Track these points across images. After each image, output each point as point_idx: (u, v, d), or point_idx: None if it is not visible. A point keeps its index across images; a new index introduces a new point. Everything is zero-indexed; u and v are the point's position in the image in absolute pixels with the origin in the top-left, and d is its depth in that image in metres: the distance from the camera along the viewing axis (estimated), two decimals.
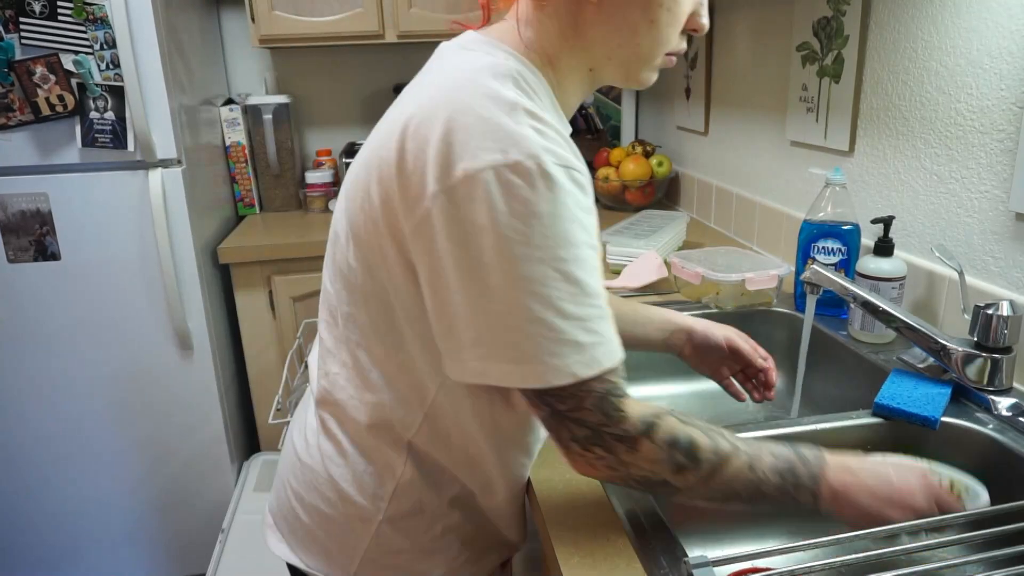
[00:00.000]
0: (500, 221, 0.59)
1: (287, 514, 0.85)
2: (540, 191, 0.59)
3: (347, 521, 0.79)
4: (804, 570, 0.61)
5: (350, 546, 0.80)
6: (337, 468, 0.79)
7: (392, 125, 0.67)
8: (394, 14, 2.10)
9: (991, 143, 1.01)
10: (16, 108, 1.70)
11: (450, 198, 0.60)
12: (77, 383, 1.90)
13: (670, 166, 2.15)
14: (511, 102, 0.62)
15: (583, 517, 0.73)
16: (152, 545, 2.06)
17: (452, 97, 0.63)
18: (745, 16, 1.71)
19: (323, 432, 0.80)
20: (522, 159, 0.59)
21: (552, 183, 0.60)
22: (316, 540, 0.82)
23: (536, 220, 0.59)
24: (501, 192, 0.59)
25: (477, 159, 0.59)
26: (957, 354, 0.92)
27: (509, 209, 0.59)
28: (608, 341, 0.64)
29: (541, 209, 0.59)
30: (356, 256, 0.71)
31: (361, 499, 0.78)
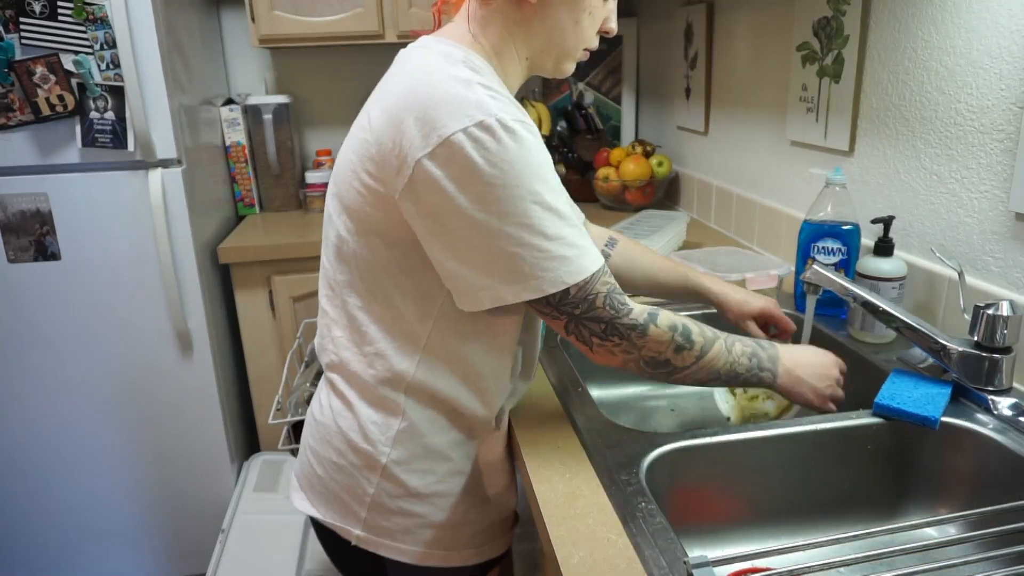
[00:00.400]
0: (479, 170, 0.72)
1: (307, 471, 0.94)
2: (505, 141, 0.72)
3: (356, 469, 0.88)
4: (804, 570, 0.61)
5: (360, 492, 0.88)
6: (345, 420, 0.89)
7: (369, 117, 0.80)
8: (394, 14, 2.10)
9: (991, 143, 1.01)
10: (16, 108, 1.70)
11: (432, 160, 0.72)
12: (77, 383, 1.90)
13: (670, 166, 2.15)
14: (465, 79, 0.75)
15: (583, 517, 0.73)
16: (152, 545, 2.06)
17: (415, 84, 0.76)
18: (745, 16, 1.71)
19: (332, 392, 0.91)
20: (485, 118, 0.72)
21: (514, 133, 0.73)
22: (330, 491, 0.91)
23: (508, 164, 0.72)
24: (474, 147, 0.71)
25: (448, 127, 0.72)
26: (957, 354, 0.92)
27: (484, 160, 0.71)
28: (588, 251, 0.77)
29: (510, 155, 0.72)
30: (347, 228, 0.83)
31: (367, 446, 0.87)
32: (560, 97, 2.56)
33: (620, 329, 0.79)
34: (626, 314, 0.79)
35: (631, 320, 0.79)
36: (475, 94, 0.74)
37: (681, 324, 0.83)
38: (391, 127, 0.76)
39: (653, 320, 0.81)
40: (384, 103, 0.78)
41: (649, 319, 0.81)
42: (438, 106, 0.73)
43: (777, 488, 0.90)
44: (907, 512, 0.92)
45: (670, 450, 0.84)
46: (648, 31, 2.40)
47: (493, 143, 0.72)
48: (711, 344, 0.84)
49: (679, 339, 0.82)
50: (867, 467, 0.91)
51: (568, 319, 0.79)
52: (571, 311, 0.78)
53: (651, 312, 0.81)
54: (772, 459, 0.88)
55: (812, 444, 0.89)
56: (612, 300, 0.79)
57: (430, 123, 0.73)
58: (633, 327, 0.80)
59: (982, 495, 0.86)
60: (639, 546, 0.68)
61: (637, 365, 0.82)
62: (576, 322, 0.79)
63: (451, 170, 0.72)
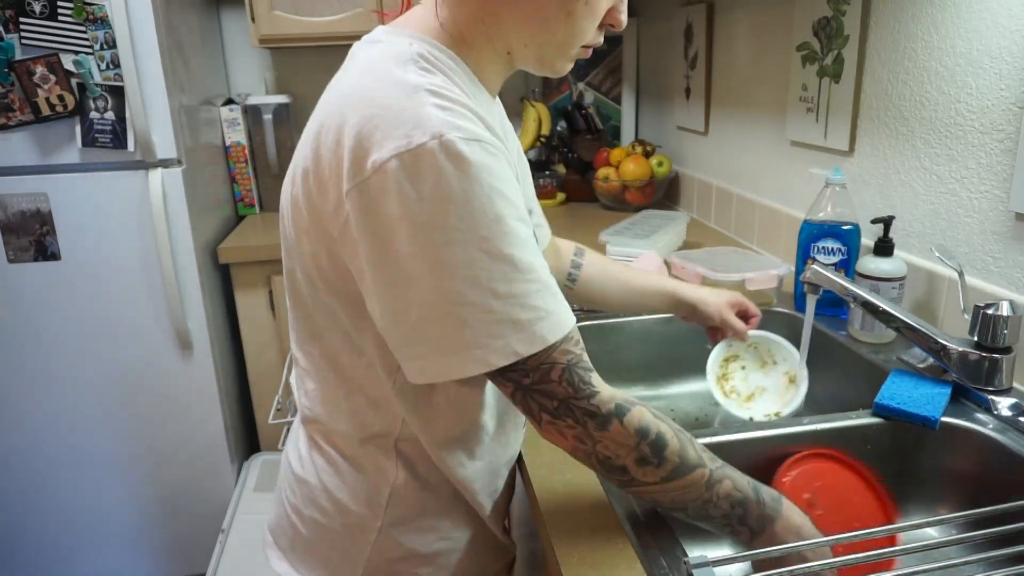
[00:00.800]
0: (412, 209, 0.58)
1: (286, 529, 0.84)
2: (448, 171, 0.57)
3: (346, 531, 0.78)
4: (804, 570, 0.61)
5: (352, 556, 0.79)
6: (331, 479, 0.78)
7: (307, 134, 0.67)
8: (394, 14, 2.10)
9: (991, 143, 1.01)
10: (16, 108, 1.70)
11: (362, 193, 0.59)
12: (77, 383, 1.90)
13: (670, 166, 2.15)
14: (412, 85, 0.61)
15: (583, 517, 0.73)
16: (152, 545, 2.06)
17: (354, 94, 0.63)
18: (745, 16, 1.71)
19: (314, 447, 0.80)
20: (426, 140, 0.57)
21: (461, 159, 0.58)
22: (317, 553, 0.81)
23: (449, 202, 0.58)
24: (408, 178, 0.57)
25: (383, 149, 0.58)
26: (957, 354, 0.92)
27: (418, 194, 0.57)
28: (551, 314, 0.62)
29: (453, 189, 0.58)
30: (301, 273, 0.72)
31: (358, 508, 0.77)
32: (560, 97, 2.56)
33: (575, 412, 0.64)
34: (586, 396, 0.64)
35: (590, 406, 0.64)
36: (419, 105, 0.59)
37: (655, 432, 0.65)
38: (326, 149, 0.63)
39: (620, 414, 0.64)
40: (319, 117, 0.66)
41: (615, 412, 0.64)
42: (375, 124, 0.59)
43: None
44: (907, 512, 0.92)
45: None
46: (648, 31, 2.40)
47: (434, 173, 0.57)
48: (688, 470, 0.66)
49: (645, 449, 0.65)
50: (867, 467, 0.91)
51: (515, 388, 0.64)
52: (519, 380, 0.63)
53: (621, 404, 0.65)
54: (772, 459, 0.88)
55: (812, 444, 0.89)
56: (572, 375, 0.63)
57: (363, 145, 0.59)
58: (592, 415, 0.64)
59: (982, 495, 0.86)
60: (639, 546, 0.68)
61: (589, 460, 0.67)
62: (524, 392, 0.64)
63: (383, 207, 0.58)
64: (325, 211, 0.64)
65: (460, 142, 0.58)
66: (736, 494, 0.68)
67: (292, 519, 0.82)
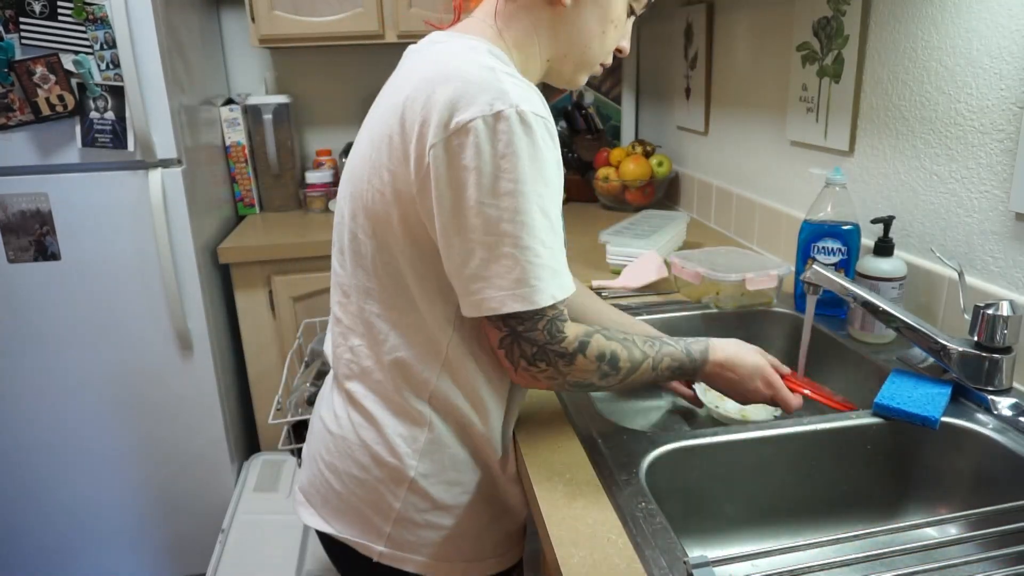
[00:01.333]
0: (487, 161, 0.70)
1: (320, 487, 0.91)
2: (519, 135, 0.70)
3: (380, 483, 0.85)
4: (804, 570, 0.61)
5: (384, 507, 0.86)
6: (368, 433, 0.85)
7: (389, 109, 0.77)
8: (394, 14, 2.10)
9: (991, 143, 1.01)
10: (16, 108, 1.70)
11: (446, 148, 0.71)
12: (77, 383, 1.90)
13: (670, 166, 2.15)
14: (490, 66, 0.73)
15: (583, 517, 0.73)
16: (152, 545, 2.06)
17: (441, 73, 0.74)
18: (745, 16, 1.71)
19: (351, 404, 0.88)
20: (504, 108, 0.70)
21: (529, 128, 0.70)
22: (350, 506, 0.88)
23: (518, 159, 0.70)
24: (488, 136, 0.69)
25: (467, 112, 0.70)
26: (957, 354, 0.92)
27: (494, 150, 0.70)
28: (567, 273, 0.76)
29: (521, 150, 0.70)
30: (366, 229, 0.80)
31: (392, 459, 0.84)
32: (560, 97, 2.56)
33: (549, 355, 0.76)
34: (559, 341, 0.76)
35: (561, 348, 0.76)
36: (500, 81, 0.71)
37: (609, 352, 0.79)
38: (411, 117, 0.74)
39: (583, 350, 0.77)
40: (404, 93, 0.76)
41: (579, 348, 0.77)
42: (460, 92, 0.71)
43: (777, 488, 0.90)
44: (907, 512, 0.92)
45: (670, 450, 0.84)
46: (648, 31, 2.40)
47: (508, 134, 0.69)
48: (637, 366, 0.82)
49: (605, 367, 0.79)
50: (867, 467, 0.91)
51: (508, 333, 0.75)
52: (515, 326, 0.74)
53: (582, 340, 0.77)
54: (772, 459, 0.88)
55: (812, 444, 0.89)
56: (552, 326, 0.75)
57: (450, 109, 0.71)
58: (562, 355, 0.76)
59: (982, 495, 0.86)
60: (639, 546, 0.68)
61: (561, 388, 0.81)
62: (513, 338, 0.75)
63: (463, 159, 0.70)
64: (404, 171, 0.75)
65: (530, 115, 0.71)
66: (674, 363, 0.85)
67: (326, 476, 0.89)
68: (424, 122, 0.72)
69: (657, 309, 1.29)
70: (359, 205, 0.81)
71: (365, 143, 0.81)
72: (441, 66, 0.75)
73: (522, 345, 0.75)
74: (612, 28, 0.83)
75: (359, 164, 0.81)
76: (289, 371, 1.74)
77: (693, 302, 1.32)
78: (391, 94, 0.79)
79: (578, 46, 0.84)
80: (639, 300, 1.34)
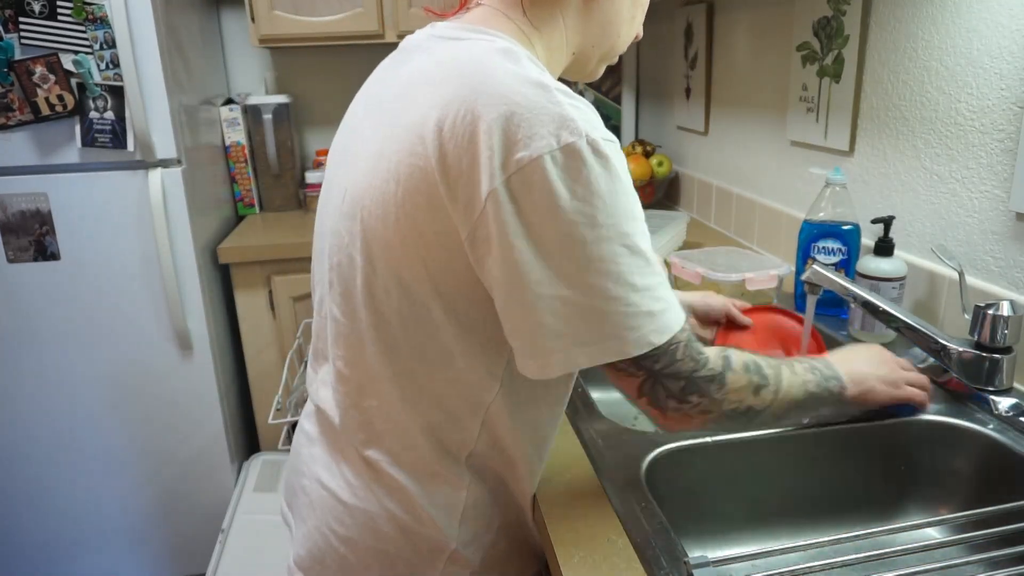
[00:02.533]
0: (563, 207, 0.59)
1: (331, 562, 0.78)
2: (596, 171, 0.60)
3: (415, 555, 0.75)
4: (804, 570, 0.61)
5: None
6: (398, 505, 0.75)
7: (416, 129, 0.64)
8: (394, 14, 2.10)
9: (991, 143, 1.01)
10: (16, 108, 1.70)
11: (510, 193, 0.60)
12: (77, 383, 1.89)
13: (670, 166, 2.15)
14: (542, 83, 0.62)
15: (583, 517, 0.73)
16: (152, 545, 2.06)
17: (480, 89, 0.61)
18: (745, 16, 1.71)
19: (369, 471, 0.76)
20: (574, 140, 0.59)
21: (606, 160, 0.61)
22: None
23: (599, 199, 0.60)
24: (560, 177, 0.59)
25: (530, 147, 0.59)
26: (957, 354, 0.92)
27: (570, 193, 0.59)
28: (673, 305, 0.66)
29: (601, 188, 0.60)
30: (389, 279, 0.68)
31: (430, 531, 0.75)
32: None
33: (700, 384, 0.67)
34: (704, 364, 0.68)
35: (709, 371, 0.68)
36: (558, 106, 0.60)
37: (751, 361, 0.72)
38: (454, 145, 0.61)
39: (729, 366, 0.70)
40: (429, 113, 0.63)
41: (725, 365, 0.69)
42: (517, 121, 0.59)
43: (777, 488, 0.90)
44: (907, 512, 0.92)
45: (670, 450, 0.84)
46: (648, 31, 2.40)
47: (584, 171, 0.59)
48: (779, 371, 0.74)
49: (755, 379, 0.71)
50: (867, 467, 0.91)
51: (647, 376, 0.66)
52: (651, 366, 0.66)
53: (725, 355, 0.70)
54: (772, 459, 0.88)
55: (812, 444, 0.89)
56: (691, 350, 0.67)
57: (506, 145, 0.59)
58: (712, 379, 0.68)
59: (982, 495, 0.86)
60: (639, 546, 0.68)
61: (717, 422, 0.71)
62: (654, 380, 0.67)
63: (530, 202, 0.59)
64: (448, 216, 0.63)
65: (603, 142, 0.61)
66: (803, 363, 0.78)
67: (342, 552, 0.77)
68: (473, 160, 0.60)
69: None
70: (377, 247, 0.67)
71: (371, 162, 0.68)
72: (477, 82, 0.62)
73: (667, 384, 0.67)
74: (640, 11, 0.77)
75: (367, 192, 0.68)
76: (289, 371, 1.73)
77: None
78: (404, 109, 0.67)
79: (610, 35, 0.75)
80: None
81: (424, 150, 0.63)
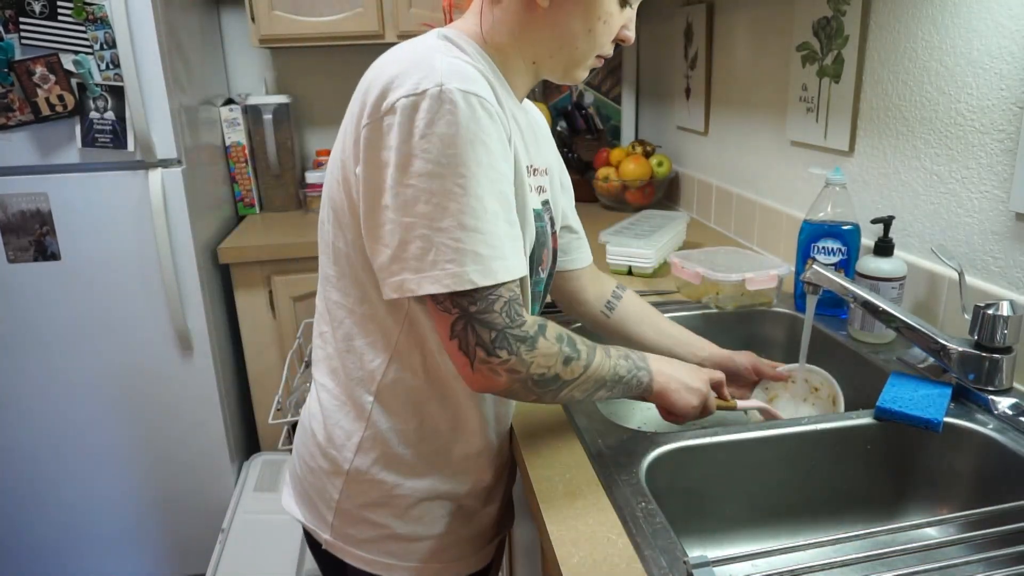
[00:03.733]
0: (407, 141, 0.68)
1: (292, 470, 0.95)
2: (442, 114, 0.68)
3: (322, 472, 0.87)
4: (804, 570, 0.61)
5: (327, 497, 0.87)
6: (316, 423, 0.88)
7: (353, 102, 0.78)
8: (394, 14, 2.10)
9: (991, 143, 1.01)
10: (16, 108, 1.70)
11: (374, 128, 0.71)
12: (77, 383, 1.90)
13: (670, 166, 2.15)
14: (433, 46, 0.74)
15: (583, 517, 0.73)
16: (152, 545, 2.06)
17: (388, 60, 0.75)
18: (745, 16, 1.71)
19: (312, 392, 0.90)
20: (429, 87, 0.68)
21: (455, 106, 0.68)
22: (306, 493, 0.91)
23: (438, 138, 0.68)
24: (410, 116, 0.68)
25: (397, 92, 0.70)
26: (957, 354, 0.92)
27: (414, 130, 0.68)
28: (507, 258, 0.72)
29: (442, 129, 0.68)
30: (328, 217, 0.82)
31: (331, 450, 0.86)
32: (560, 97, 2.56)
33: (510, 340, 0.71)
34: (519, 324, 0.72)
35: (523, 332, 0.72)
36: (432, 60, 0.71)
37: (565, 334, 0.77)
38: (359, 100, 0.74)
39: (542, 331, 0.74)
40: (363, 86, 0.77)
41: (539, 331, 0.74)
42: (395, 74, 0.71)
43: (777, 488, 0.90)
44: (907, 512, 0.92)
45: (670, 450, 0.84)
46: (648, 31, 2.40)
47: (430, 113, 0.68)
48: (593, 351, 0.79)
49: (567, 350, 0.75)
50: (867, 467, 0.91)
51: (461, 315, 0.71)
52: (467, 306, 0.70)
53: (541, 323, 0.75)
54: (772, 459, 0.88)
55: (812, 444, 0.89)
56: (511, 308, 0.72)
57: (384, 90, 0.71)
58: (523, 339, 0.72)
59: (982, 495, 0.86)
60: (639, 546, 0.68)
61: (524, 385, 0.74)
62: (467, 321, 0.70)
63: (387, 139, 0.70)
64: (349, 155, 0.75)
65: (457, 92, 0.69)
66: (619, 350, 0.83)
67: (295, 461, 0.93)
68: (364, 104, 0.73)
69: (657, 309, 1.29)
70: (326, 193, 0.83)
71: (340, 134, 0.81)
72: (395, 52, 0.76)
73: (478, 330, 0.71)
74: (600, 24, 0.79)
75: (332, 155, 0.82)
76: (289, 371, 1.74)
77: (693, 302, 1.32)
78: None
79: (565, 47, 0.80)
80: None
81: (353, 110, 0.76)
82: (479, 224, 0.69)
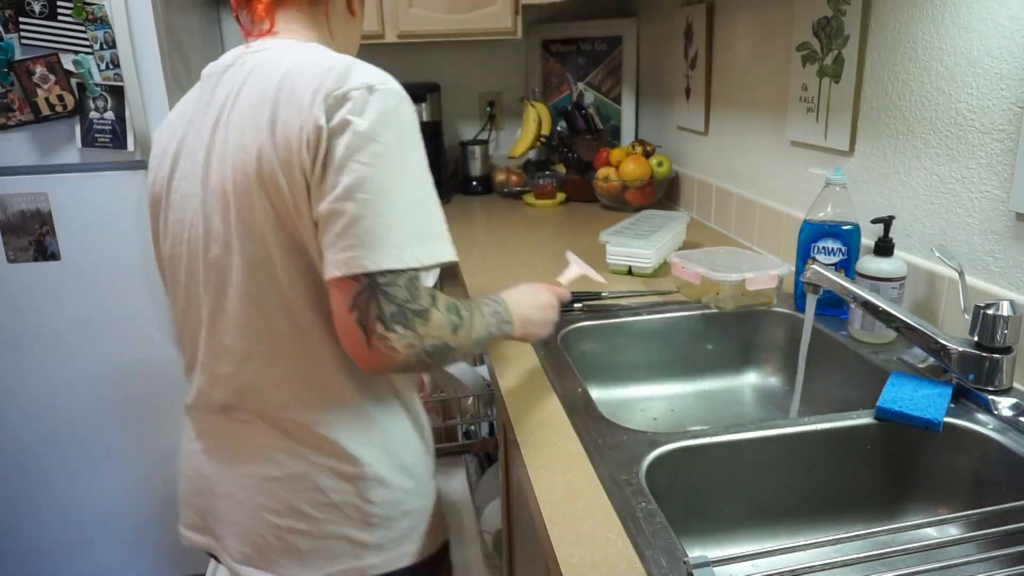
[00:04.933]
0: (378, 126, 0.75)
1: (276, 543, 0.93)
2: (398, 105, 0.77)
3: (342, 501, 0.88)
4: (804, 570, 0.61)
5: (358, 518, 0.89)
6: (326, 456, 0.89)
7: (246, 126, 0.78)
8: (394, 14, 2.09)
9: (991, 143, 1.01)
10: (16, 108, 1.70)
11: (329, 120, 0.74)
12: (77, 383, 1.90)
13: (670, 166, 2.15)
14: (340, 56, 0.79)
15: (583, 517, 0.73)
16: (152, 545, 2.06)
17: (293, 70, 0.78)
18: (745, 16, 1.71)
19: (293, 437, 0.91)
20: (375, 83, 0.76)
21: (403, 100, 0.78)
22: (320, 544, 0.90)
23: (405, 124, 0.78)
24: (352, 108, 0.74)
25: (348, 84, 0.75)
26: (957, 354, 0.92)
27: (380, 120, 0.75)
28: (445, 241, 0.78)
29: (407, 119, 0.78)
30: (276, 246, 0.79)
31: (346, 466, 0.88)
32: (560, 97, 2.56)
33: (408, 316, 0.74)
34: (416, 299, 0.75)
35: (419, 306, 0.75)
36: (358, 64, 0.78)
37: (452, 301, 0.80)
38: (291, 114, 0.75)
39: (434, 302, 0.77)
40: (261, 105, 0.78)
41: (431, 302, 0.77)
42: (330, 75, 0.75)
43: (777, 488, 0.90)
44: (907, 512, 0.92)
45: (670, 450, 0.84)
46: (648, 31, 2.40)
47: (385, 102, 0.75)
48: (472, 314, 0.82)
49: (454, 318, 0.79)
50: (867, 467, 0.91)
51: (367, 285, 0.72)
52: (375, 278, 0.73)
53: (432, 293, 0.78)
54: (772, 459, 0.88)
55: (812, 444, 0.89)
56: (412, 284, 0.75)
57: (328, 91, 0.74)
58: (419, 312, 0.75)
59: (982, 495, 0.86)
60: (639, 546, 0.68)
61: (419, 358, 0.76)
62: (371, 293, 0.72)
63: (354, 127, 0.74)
64: (295, 166, 0.75)
65: (397, 89, 0.78)
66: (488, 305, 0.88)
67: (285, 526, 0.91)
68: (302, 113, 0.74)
69: (657, 309, 1.29)
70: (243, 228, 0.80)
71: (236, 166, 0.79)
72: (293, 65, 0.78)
73: (380, 303, 0.73)
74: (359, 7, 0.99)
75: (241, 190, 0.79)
76: None
77: (693, 302, 1.32)
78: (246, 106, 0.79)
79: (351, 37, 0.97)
80: (639, 300, 1.34)
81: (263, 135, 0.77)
82: (428, 209, 0.79)
